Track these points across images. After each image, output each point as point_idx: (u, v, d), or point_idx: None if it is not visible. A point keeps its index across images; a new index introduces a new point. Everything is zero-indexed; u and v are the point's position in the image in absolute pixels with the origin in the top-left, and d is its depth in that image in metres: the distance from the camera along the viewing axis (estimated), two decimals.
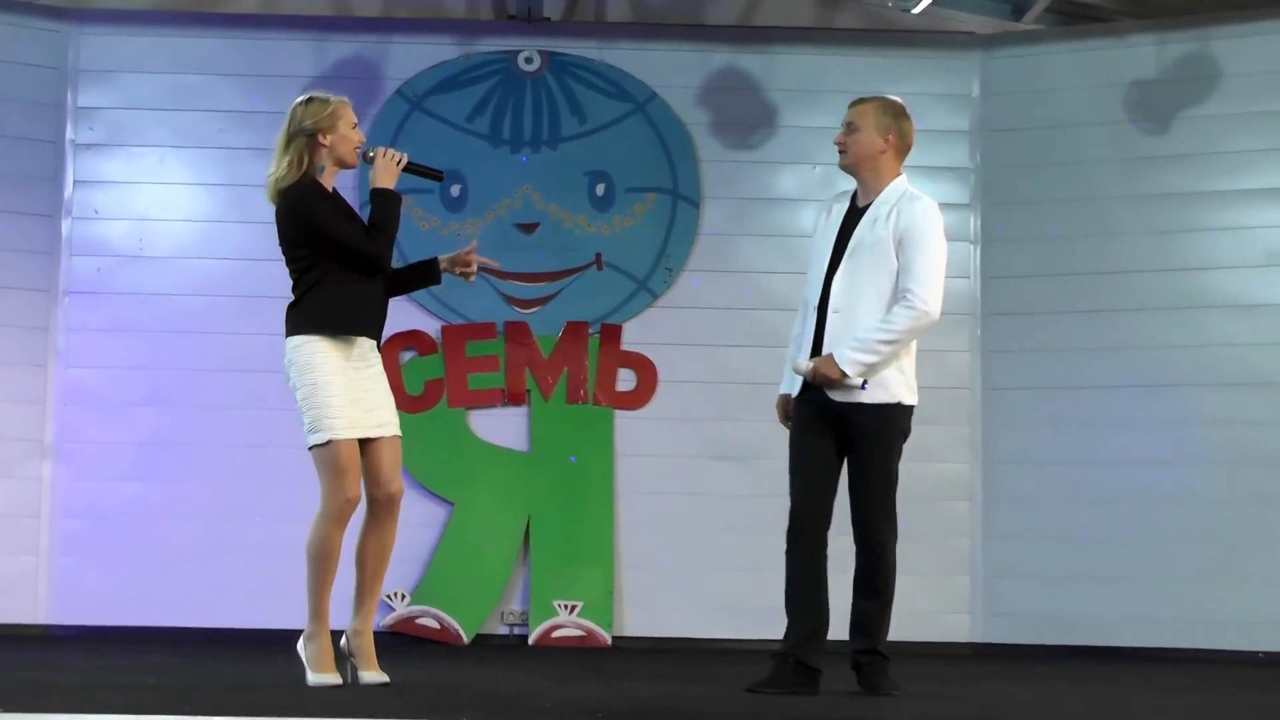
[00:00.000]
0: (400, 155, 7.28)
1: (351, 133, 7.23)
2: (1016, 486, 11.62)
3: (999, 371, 11.75)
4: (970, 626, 11.64)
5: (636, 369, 11.75)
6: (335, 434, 6.99)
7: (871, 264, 7.24)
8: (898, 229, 7.26)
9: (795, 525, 7.22)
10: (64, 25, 11.73)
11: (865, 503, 7.19)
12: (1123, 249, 11.56)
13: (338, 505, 7.02)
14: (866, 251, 7.25)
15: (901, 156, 7.47)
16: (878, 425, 7.20)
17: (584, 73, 11.96)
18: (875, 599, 7.22)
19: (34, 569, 11.42)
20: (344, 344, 7.08)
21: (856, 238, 7.26)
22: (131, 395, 11.55)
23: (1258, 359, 11.26)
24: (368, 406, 7.09)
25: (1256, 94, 11.41)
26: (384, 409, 7.15)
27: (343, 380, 7.04)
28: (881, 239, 7.24)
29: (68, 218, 11.65)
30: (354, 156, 7.22)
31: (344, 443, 7.01)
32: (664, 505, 11.64)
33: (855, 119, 7.42)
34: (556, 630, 11.45)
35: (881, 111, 7.43)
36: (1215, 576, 11.19)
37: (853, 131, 7.39)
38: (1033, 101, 11.87)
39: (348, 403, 7.04)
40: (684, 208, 11.84)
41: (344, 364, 7.07)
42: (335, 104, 7.24)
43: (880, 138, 7.37)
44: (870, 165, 7.38)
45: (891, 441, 7.24)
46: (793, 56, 11.98)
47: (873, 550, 7.20)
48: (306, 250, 7.10)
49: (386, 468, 7.13)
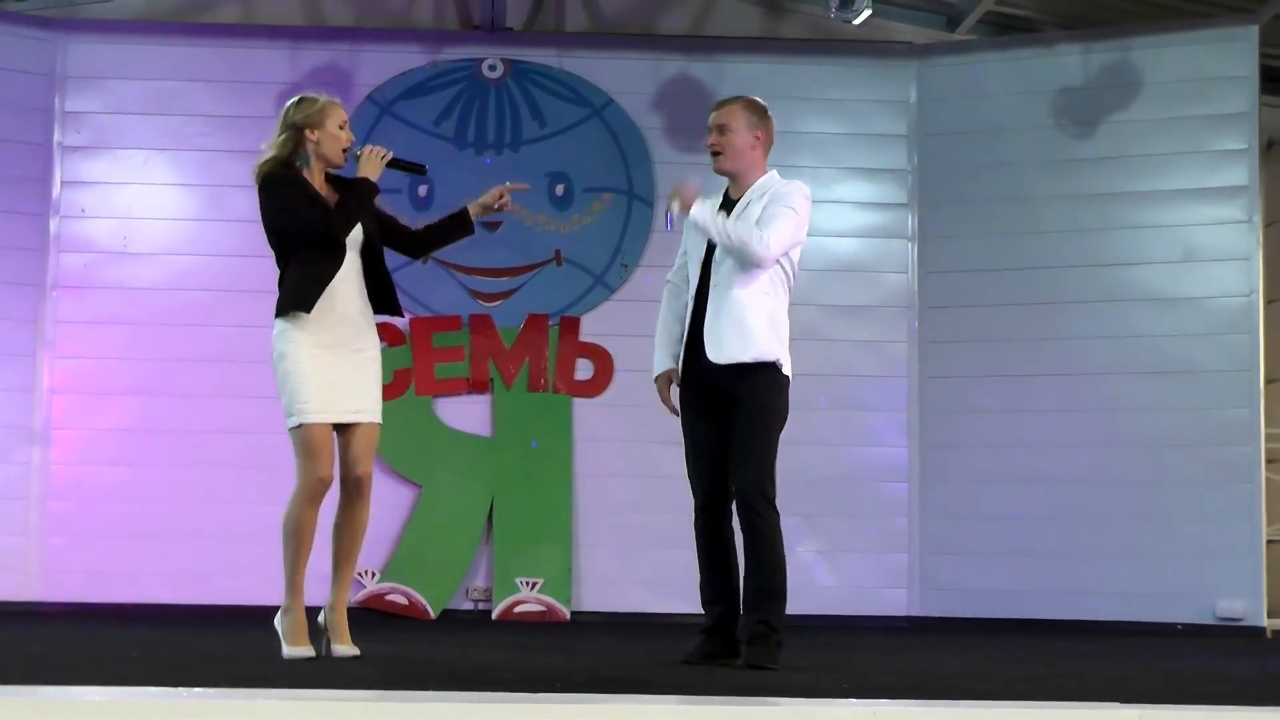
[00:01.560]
0: (386, 152, 7.17)
1: (339, 132, 7.09)
2: (951, 469, 11.65)
3: (935, 361, 11.77)
4: (908, 601, 11.66)
5: (594, 359, 11.75)
6: (306, 418, 6.90)
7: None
8: (762, 205, 7.13)
9: (700, 506, 7.12)
10: (52, 33, 11.68)
11: (742, 478, 6.99)
12: (1051, 246, 11.59)
13: (309, 484, 6.93)
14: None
15: (768, 153, 7.24)
16: (756, 388, 7.01)
17: (544, 79, 11.95)
18: (758, 573, 6.97)
19: (24, 548, 11.38)
20: (320, 328, 6.94)
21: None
22: (116, 384, 11.51)
23: (1176, 349, 11.30)
24: (346, 391, 6.97)
25: (1175, 100, 11.45)
26: (363, 396, 7.01)
27: (316, 365, 6.91)
28: (753, 215, 7.11)
29: (56, 216, 11.59)
30: (340, 155, 7.09)
31: (315, 426, 6.91)
32: (619, 487, 11.65)
33: (725, 120, 7.20)
34: (518, 605, 11.45)
35: (748, 110, 7.23)
36: (1137, 553, 11.23)
37: (725, 132, 7.18)
38: (967, 107, 11.88)
39: (321, 387, 6.91)
40: (639, 207, 11.84)
41: (319, 349, 6.93)
42: (324, 103, 7.14)
43: (750, 135, 7.19)
44: (743, 162, 7.18)
45: (771, 409, 7.03)
46: (741, 65, 11.97)
47: (752, 520, 6.96)
48: (276, 235, 7.03)
49: (357, 452, 7.02)
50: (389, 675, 6.43)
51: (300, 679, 6.10)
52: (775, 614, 6.96)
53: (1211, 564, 11.08)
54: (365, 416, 7.04)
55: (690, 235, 7.26)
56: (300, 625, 7.02)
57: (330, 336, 6.96)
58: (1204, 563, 11.09)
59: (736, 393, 7.03)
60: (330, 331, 6.97)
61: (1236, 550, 11.06)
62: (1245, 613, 11.00)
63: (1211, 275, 11.30)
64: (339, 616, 7.09)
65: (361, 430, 7.04)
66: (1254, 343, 11.19)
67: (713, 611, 7.13)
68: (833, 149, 11.89)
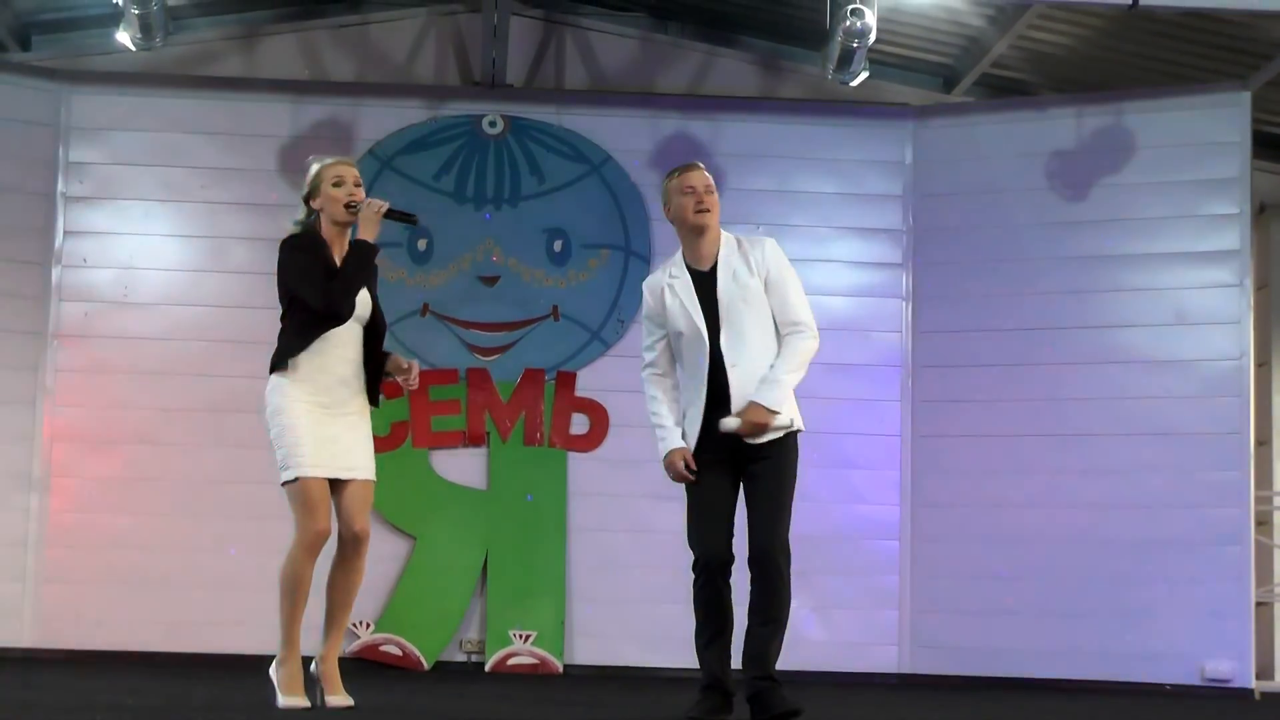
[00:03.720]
0: (381, 204, 7.18)
1: (334, 191, 7.13)
2: (942, 527, 11.68)
3: (927, 420, 11.81)
4: (898, 658, 11.68)
5: (589, 414, 11.80)
6: (302, 471, 6.95)
7: (750, 314, 7.14)
8: (762, 273, 7.17)
9: (707, 568, 7.07)
10: (57, 85, 11.76)
11: (771, 535, 7.00)
12: (1044, 307, 11.64)
13: (307, 538, 6.96)
14: (742, 305, 7.13)
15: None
16: (783, 455, 7.08)
17: (543, 136, 12.03)
18: (770, 626, 7.03)
19: (20, 595, 11.39)
20: (315, 387, 7.02)
21: (725, 297, 7.11)
22: (115, 433, 11.55)
23: (1167, 411, 11.34)
24: (340, 449, 7.03)
25: (1167, 164, 11.52)
26: (356, 454, 7.08)
27: (310, 420, 6.98)
28: (752, 287, 7.14)
29: (58, 265, 11.65)
30: (343, 212, 7.13)
31: (311, 480, 6.96)
32: (613, 542, 11.68)
33: (710, 181, 7.25)
34: (511, 658, 11.47)
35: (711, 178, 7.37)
36: (1127, 613, 11.25)
37: (712, 192, 7.23)
38: (961, 168, 11.95)
39: (317, 442, 6.98)
40: (635, 263, 11.91)
41: (313, 405, 7.01)
42: (320, 169, 7.21)
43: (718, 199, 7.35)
44: (716, 225, 7.25)
45: (793, 472, 7.11)
46: (738, 124, 12.07)
47: (770, 575, 6.99)
48: (285, 298, 7.12)
49: (353, 509, 7.07)
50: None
51: None
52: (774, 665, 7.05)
53: (1200, 625, 11.10)
54: (360, 474, 7.09)
55: (675, 315, 7.19)
56: (295, 676, 7.04)
57: (326, 397, 7.04)
58: (1193, 624, 11.12)
59: (760, 454, 7.06)
60: (326, 392, 7.05)
61: (1225, 612, 11.08)
62: (1233, 674, 11.01)
63: (1202, 338, 11.35)
64: (330, 667, 7.12)
65: (356, 487, 7.09)
66: (1244, 406, 11.23)
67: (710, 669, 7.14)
68: (828, 208, 11.96)
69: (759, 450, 7.06)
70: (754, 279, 7.14)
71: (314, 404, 7.02)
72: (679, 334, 7.20)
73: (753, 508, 7.09)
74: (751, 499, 7.11)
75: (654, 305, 7.27)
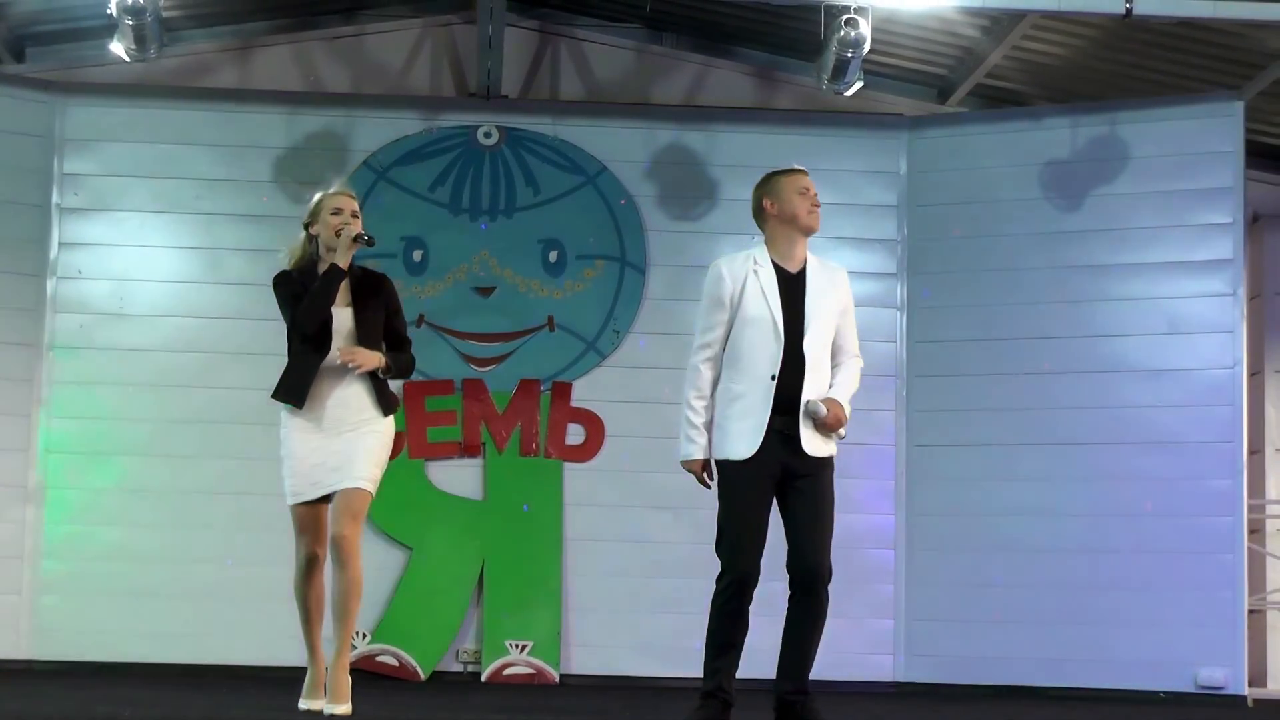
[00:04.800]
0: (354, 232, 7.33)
1: (331, 219, 7.34)
2: (937, 536, 11.70)
3: (922, 429, 11.84)
4: (894, 667, 11.70)
5: (585, 424, 11.82)
6: (291, 499, 7.29)
7: (828, 332, 7.15)
8: (841, 301, 7.21)
9: (738, 582, 6.98)
10: (52, 96, 11.77)
11: (819, 554, 7.00)
12: (1038, 316, 11.66)
13: (299, 560, 7.33)
14: (827, 320, 7.11)
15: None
16: (828, 474, 7.10)
17: (538, 147, 12.05)
18: (809, 642, 7.11)
19: (17, 607, 11.41)
20: (311, 414, 7.26)
21: (814, 309, 7.06)
22: (110, 444, 11.56)
23: (1161, 420, 11.37)
24: (331, 466, 7.24)
25: (1160, 174, 11.55)
26: (353, 465, 7.26)
27: (304, 449, 7.25)
28: (833, 311, 7.16)
29: (53, 277, 11.66)
30: (335, 240, 7.31)
31: (298, 508, 7.28)
32: (609, 552, 11.69)
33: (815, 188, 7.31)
34: (508, 668, 11.48)
35: None
36: (1120, 621, 11.28)
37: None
38: (956, 179, 11.97)
39: (306, 469, 7.24)
40: (631, 274, 11.92)
41: (308, 432, 7.26)
42: (322, 196, 7.45)
43: None
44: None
45: (833, 493, 7.11)
46: (733, 134, 12.08)
47: (820, 596, 7.01)
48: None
49: (337, 514, 7.26)
50: None
51: None
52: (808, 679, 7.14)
53: (1193, 633, 11.13)
54: (350, 482, 7.25)
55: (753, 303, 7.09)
56: (314, 681, 7.38)
57: (326, 420, 7.29)
58: (1186, 631, 11.14)
59: (809, 470, 7.04)
60: (324, 415, 7.29)
61: (1218, 619, 11.10)
62: (1226, 681, 11.04)
63: (1196, 347, 11.37)
64: (333, 675, 7.23)
65: (343, 495, 7.26)
66: (1236, 414, 11.26)
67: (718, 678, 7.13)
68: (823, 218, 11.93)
69: (808, 465, 7.03)
70: (835, 304, 7.15)
71: (310, 430, 7.28)
72: (748, 325, 7.09)
73: (799, 524, 7.01)
74: (797, 515, 7.03)
75: (732, 288, 7.10)
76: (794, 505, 7.05)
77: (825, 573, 7.06)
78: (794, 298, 7.09)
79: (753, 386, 7.04)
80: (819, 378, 7.06)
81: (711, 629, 7.12)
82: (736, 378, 7.09)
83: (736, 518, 7.06)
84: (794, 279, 7.15)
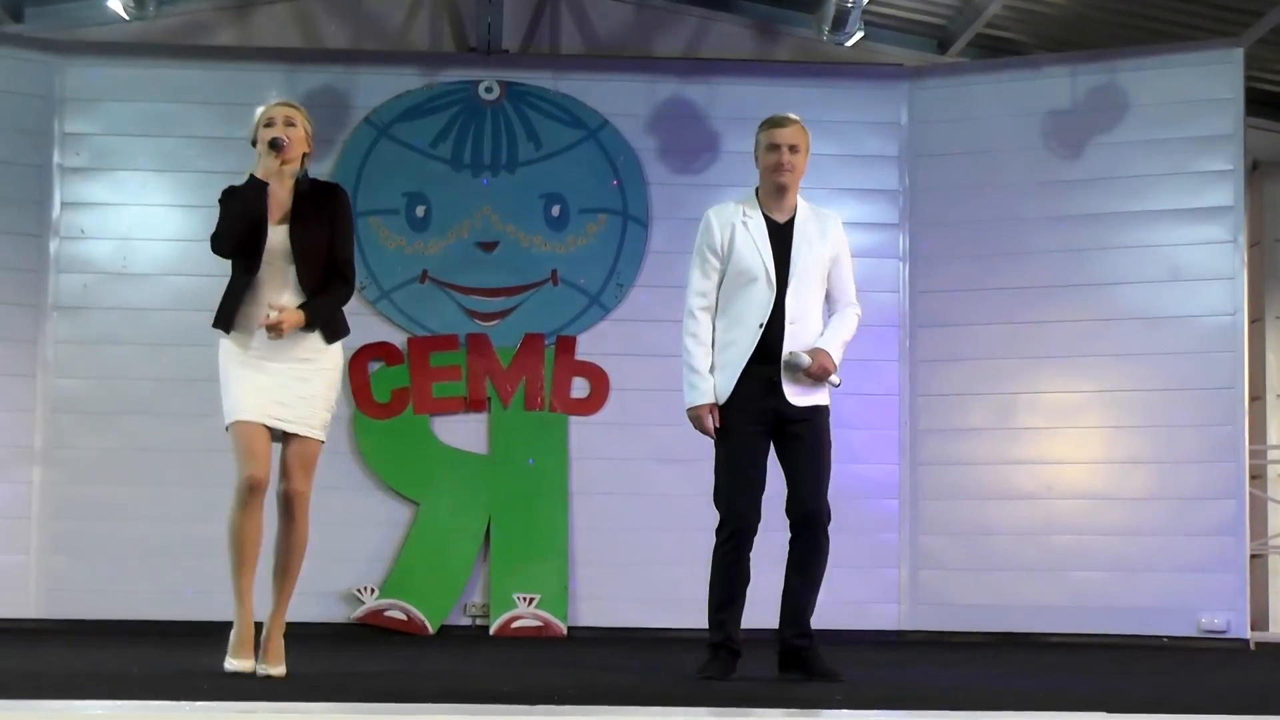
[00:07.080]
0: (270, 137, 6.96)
1: (262, 130, 6.98)
2: (941, 485, 11.71)
3: (925, 379, 11.83)
4: (899, 615, 11.72)
5: (589, 378, 11.81)
6: (233, 415, 6.91)
7: (816, 281, 7.18)
8: (832, 249, 7.24)
9: (738, 532, 7.08)
10: (51, 56, 11.73)
11: (818, 496, 7.09)
12: (1039, 266, 11.65)
13: (238, 484, 6.89)
14: (814, 270, 7.16)
15: None
16: (824, 420, 7.17)
17: (540, 101, 12.01)
18: (811, 585, 7.17)
19: (25, 566, 11.43)
20: (247, 336, 6.97)
21: (799, 260, 7.13)
22: (115, 404, 11.56)
23: (1162, 367, 11.37)
24: (278, 400, 6.90)
25: (1160, 122, 11.53)
26: (297, 407, 6.92)
27: (244, 370, 6.92)
28: (822, 259, 7.19)
29: (55, 237, 11.65)
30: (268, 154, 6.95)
31: (241, 424, 6.88)
32: (614, 505, 11.69)
33: (798, 140, 7.29)
34: (515, 621, 11.50)
35: (807, 133, 7.38)
36: (1123, 568, 11.30)
37: (796, 152, 7.27)
38: (956, 129, 11.94)
39: (250, 389, 6.89)
40: (633, 228, 11.91)
41: (248, 357, 6.94)
42: (259, 111, 7.08)
43: (806, 158, 7.36)
44: (797, 185, 7.32)
45: (829, 430, 7.19)
46: (734, 87, 12.05)
47: (819, 538, 7.12)
48: None
49: (288, 466, 6.94)
50: (388, 690, 6.49)
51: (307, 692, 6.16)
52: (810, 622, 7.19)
53: (1196, 578, 11.15)
54: (297, 429, 6.93)
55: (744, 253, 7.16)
56: (241, 637, 6.99)
57: (264, 349, 6.93)
58: (1188, 577, 11.17)
59: (802, 415, 7.08)
60: (262, 343, 6.93)
61: (1220, 565, 11.13)
62: (1229, 625, 11.07)
63: (1196, 295, 11.36)
64: (269, 634, 6.97)
65: (295, 444, 6.95)
66: (1237, 361, 11.26)
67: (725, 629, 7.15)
68: (824, 170, 11.91)
69: (800, 412, 7.06)
70: (825, 251, 7.16)
71: (248, 354, 6.95)
72: (740, 274, 7.16)
73: (796, 468, 7.11)
74: (794, 459, 7.12)
75: (723, 237, 7.19)
76: (790, 451, 7.14)
77: (824, 514, 7.11)
78: (781, 248, 7.14)
79: (736, 332, 7.14)
80: (803, 328, 7.10)
81: (714, 581, 7.16)
82: (728, 326, 7.17)
83: (729, 465, 7.15)
84: (782, 229, 7.19)
